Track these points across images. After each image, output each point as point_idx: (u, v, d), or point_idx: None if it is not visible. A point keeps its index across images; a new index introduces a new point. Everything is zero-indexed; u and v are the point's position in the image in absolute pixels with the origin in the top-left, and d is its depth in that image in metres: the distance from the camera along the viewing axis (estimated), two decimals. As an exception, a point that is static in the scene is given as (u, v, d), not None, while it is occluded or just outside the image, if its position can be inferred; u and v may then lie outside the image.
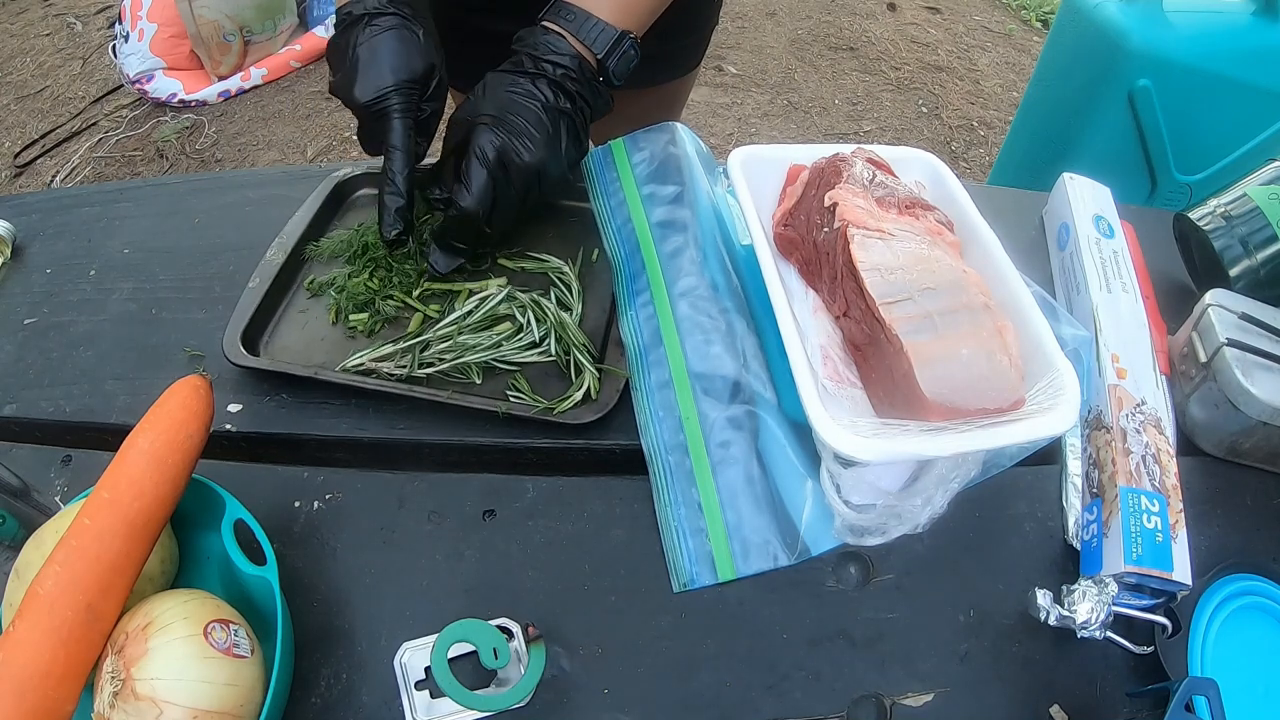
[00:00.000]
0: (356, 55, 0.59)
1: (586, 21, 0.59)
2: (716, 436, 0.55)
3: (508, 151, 0.57)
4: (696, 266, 0.62)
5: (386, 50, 0.58)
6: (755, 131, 2.30)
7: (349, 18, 0.60)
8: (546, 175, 0.59)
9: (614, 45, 0.60)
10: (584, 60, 0.59)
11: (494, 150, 0.57)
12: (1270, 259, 0.63)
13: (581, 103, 0.60)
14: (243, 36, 2.32)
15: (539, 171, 0.58)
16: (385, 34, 0.59)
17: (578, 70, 0.58)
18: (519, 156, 0.57)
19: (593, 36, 0.59)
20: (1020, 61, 2.61)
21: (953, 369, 0.47)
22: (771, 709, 0.47)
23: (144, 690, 0.38)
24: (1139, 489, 0.51)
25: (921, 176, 0.65)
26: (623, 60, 0.61)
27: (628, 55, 0.61)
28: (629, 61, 0.61)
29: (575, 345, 0.59)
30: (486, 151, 0.57)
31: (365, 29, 0.59)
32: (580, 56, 0.59)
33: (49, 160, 2.18)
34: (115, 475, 0.42)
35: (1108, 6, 1.40)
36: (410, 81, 0.59)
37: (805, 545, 0.52)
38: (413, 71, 0.59)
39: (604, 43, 0.59)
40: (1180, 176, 1.46)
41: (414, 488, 0.54)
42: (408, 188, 0.59)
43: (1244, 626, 0.50)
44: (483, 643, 0.45)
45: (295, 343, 0.61)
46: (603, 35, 0.59)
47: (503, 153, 0.57)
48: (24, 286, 0.68)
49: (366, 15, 0.59)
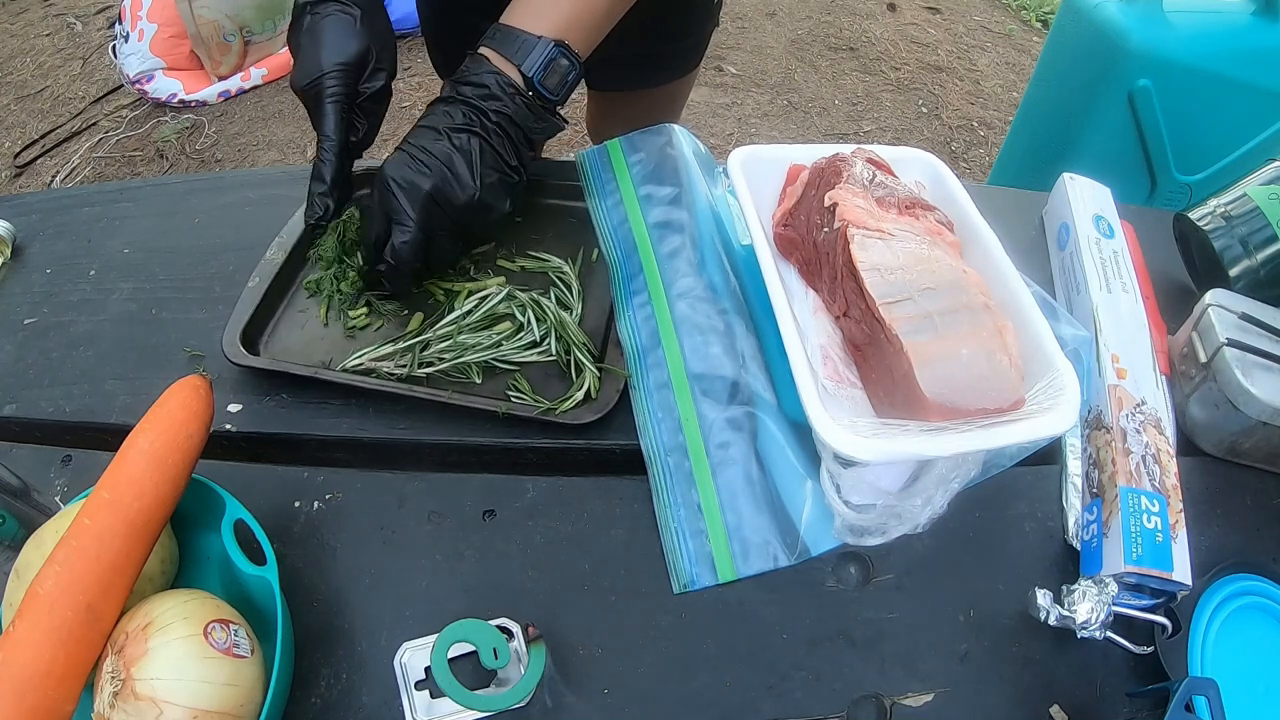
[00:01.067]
0: (299, 44, 0.61)
1: (510, 36, 0.57)
2: (716, 437, 0.55)
3: (409, 181, 0.56)
4: (694, 267, 0.62)
5: (322, 37, 0.60)
6: (755, 131, 2.30)
7: (296, 9, 0.62)
8: (450, 199, 0.56)
9: (542, 59, 0.57)
10: (503, 77, 0.57)
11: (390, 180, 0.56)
12: (1270, 259, 0.63)
13: (502, 120, 0.57)
14: (243, 36, 2.32)
15: (435, 198, 0.56)
16: (322, 20, 0.60)
17: (496, 89, 0.57)
18: (417, 185, 0.56)
19: (516, 52, 0.57)
20: (1020, 61, 2.61)
21: (953, 369, 0.47)
22: (771, 709, 0.47)
23: (144, 690, 0.38)
24: (1139, 489, 0.51)
25: (921, 176, 0.65)
26: (551, 72, 0.58)
27: (560, 65, 0.58)
28: (562, 73, 0.58)
29: (575, 344, 0.59)
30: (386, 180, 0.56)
31: (307, 17, 0.61)
32: (499, 74, 0.57)
33: (49, 160, 2.18)
34: (115, 475, 0.42)
35: (1108, 6, 1.40)
36: (344, 64, 0.60)
37: (805, 545, 0.52)
38: (346, 55, 0.60)
39: (526, 56, 0.57)
40: (1180, 176, 1.46)
41: (414, 488, 0.54)
42: (332, 174, 0.60)
43: (1244, 626, 0.50)
44: (483, 643, 0.45)
45: (295, 342, 0.61)
46: (528, 50, 0.57)
47: (396, 180, 0.56)
48: (24, 286, 0.68)
49: (308, 5, 0.61)
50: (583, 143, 0.99)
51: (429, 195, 0.56)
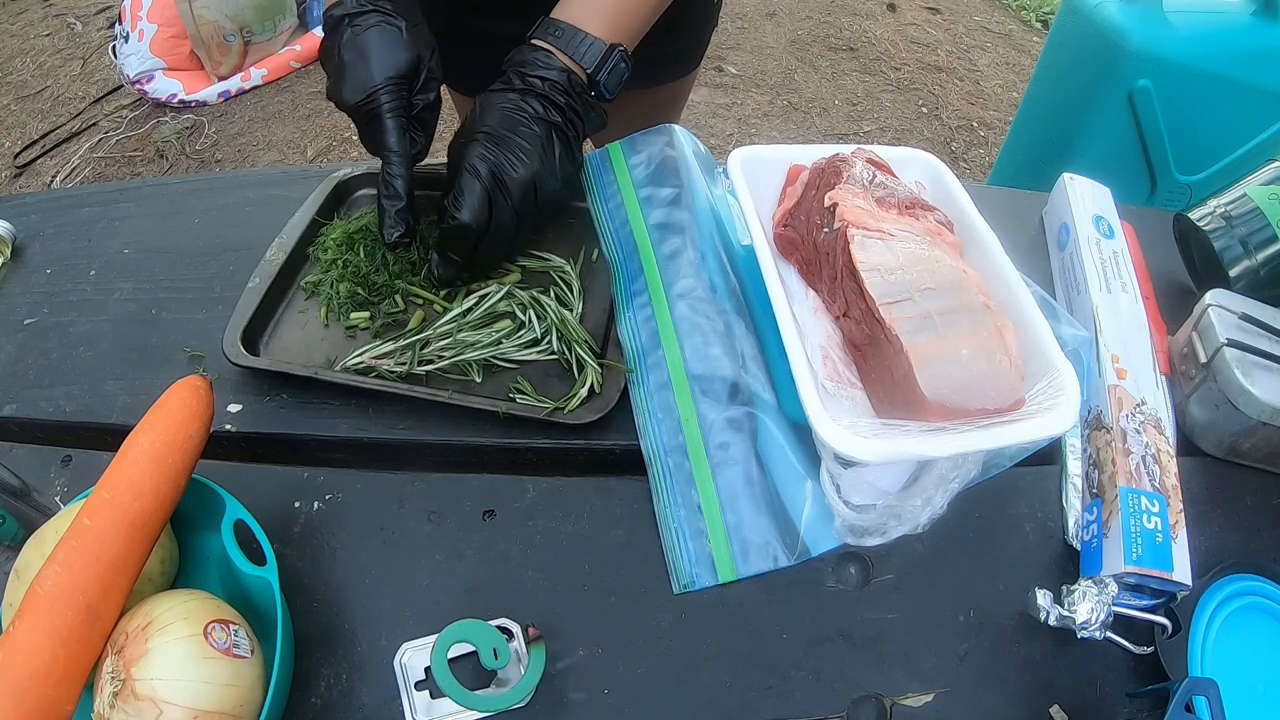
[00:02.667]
0: (342, 58, 0.59)
1: (575, 37, 0.59)
2: (715, 438, 0.55)
3: (501, 166, 0.57)
4: (694, 268, 0.62)
5: (369, 49, 0.58)
6: (755, 132, 2.30)
7: (332, 20, 0.60)
8: (541, 189, 0.59)
9: (603, 59, 0.59)
10: (573, 75, 0.59)
11: (485, 165, 0.57)
12: (1270, 259, 0.63)
13: (572, 115, 0.59)
14: (243, 37, 2.32)
15: (533, 185, 0.58)
16: (367, 32, 0.58)
17: (566, 84, 0.58)
18: (513, 170, 0.57)
19: (581, 51, 0.59)
20: (1020, 61, 2.61)
21: (952, 369, 0.47)
22: (771, 709, 0.47)
23: (144, 690, 0.38)
24: (1139, 489, 0.51)
25: (921, 177, 0.65)
26: (613, 74, 0.60)
27: (618, 68, 0.60)
28: (620, 74, 0.61)
29: (576, 341, 0.59)
30: (478, 166, 0.57)
31: (347, 30, 0.59)
32: (569, 71, 0.59)
33: (49, 160, 2.18)
34: (115, 475, 0.42)
35: (1108, 6, 1.40)
36: (396, 78, 0.58)
37: (805, 546, 0.52)
38: (398, 67, 0.58)
39: (593, 57, 0.59)
40: (1180, 176, 1.46)
41: (414, 488, 0.54)
42: (406, 189, 0.59)
43: (1244, 626, 0.50)
44: (483, 643, 0.44)
45: (295, 342, 0.61)
46: (591, 49, 0.59)
47: (496, 168, 0.57)
48: (24, 286, 0.68)
49: (347, 16, 0.59)
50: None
51: (530, 183, 0.57)
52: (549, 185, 0.59)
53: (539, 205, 0.60)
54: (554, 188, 0.59)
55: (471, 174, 0.57)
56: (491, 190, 0.57)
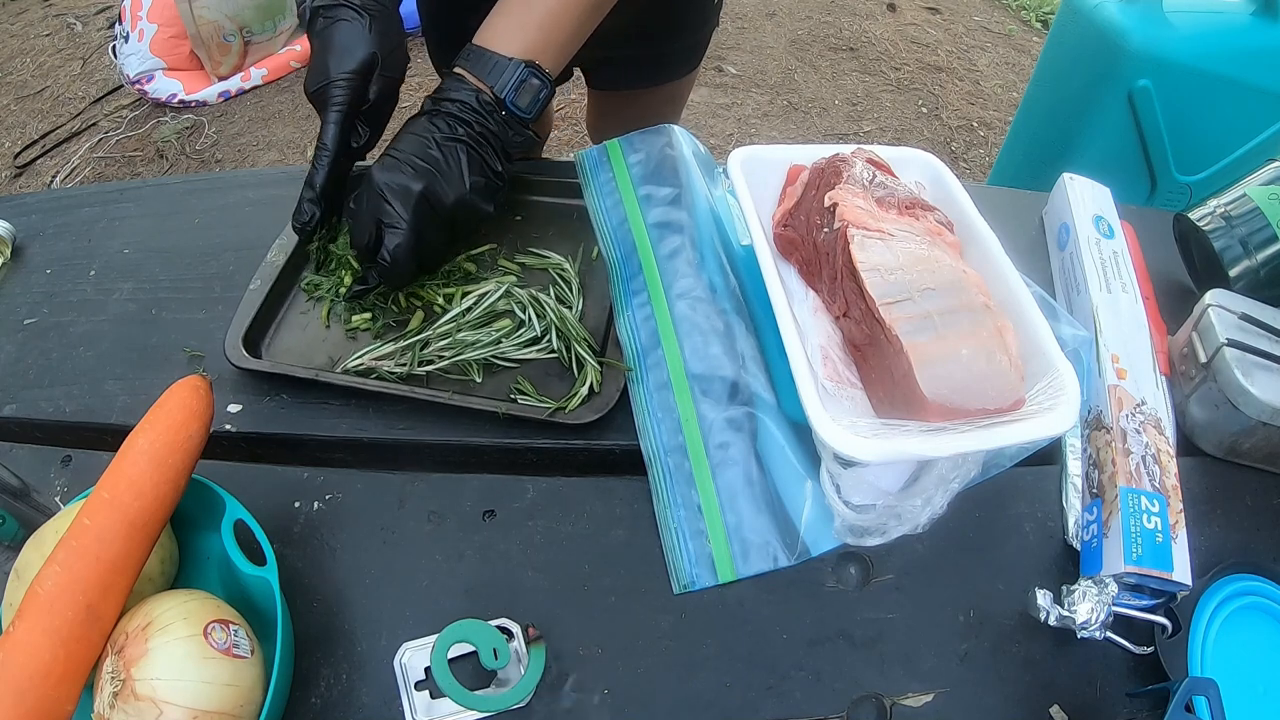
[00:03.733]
0: (312, 49, 0.62)
1: (482, 58, 0.60)
2: (715, 438, 0.55)
3: (392, 184, 0.57)
4: (694, 268, 0.62)
5: (331, 41, 0.61)
6: (755, 132, 2.30)
7: (309, 11, 0.63)
8: (440, 200, 0.58)
9: (509, 77, 0.60)
10: (482, 93, 0.60)
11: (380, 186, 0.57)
12: (1270, 259, 0.63)
13: (483, 132, 0.60)
14: (243, 37, 2.32)
15: (427, 198, 0.58)
16: (332, 25, 0.61)
17: (475, 104, 0.59)
18: (404, 186, 0.57)
19: (487, 71, 0.60)
20: (1020, 61, 2.61)
21: (952, 369, 0.47)
22: (771, 709, 0.47)
23: (144, 690, 0.38)
24: (1139, 489, 0.51)
25: (921, 177, 0.65)
26: (523, 91, 0.60)
27: (530, 85, 0.60)
28: (534, 91, 0.61)
29: (576, 339, 0.59)
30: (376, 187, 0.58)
31: (319, 20, 0.62)
32: (478, 90, 0.60)
33: (49, 160, 2.18)
34: (115, 475, 0.42)
35: (1108, 6, 1.40)
36: (349, 73, 0.60)
37: (805, 546, 0.52)
38: (352, 62, 0.60)
39: (498, 77, 0.60)
40: (1180, 176, 1.46)
41: (414, 488, 0.54)
42: (321, 181, 0.61)
43: (1244, 626, 0.50)
44: (483, 643, 0.45)
45: (296, 344, 0.61)
46: (497, 69, 0.60)
47: (387, 185, 0.57)
48: (24, 286, 0.68)
49: (321, 8, 0.62)
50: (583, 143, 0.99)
51: (421, 195, 0.58)
52: (448, 196, 0.59)
53: (440, 219, 0.59)
54: (454, 199, 0.59)
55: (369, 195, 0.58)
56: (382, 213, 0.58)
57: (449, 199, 0.59)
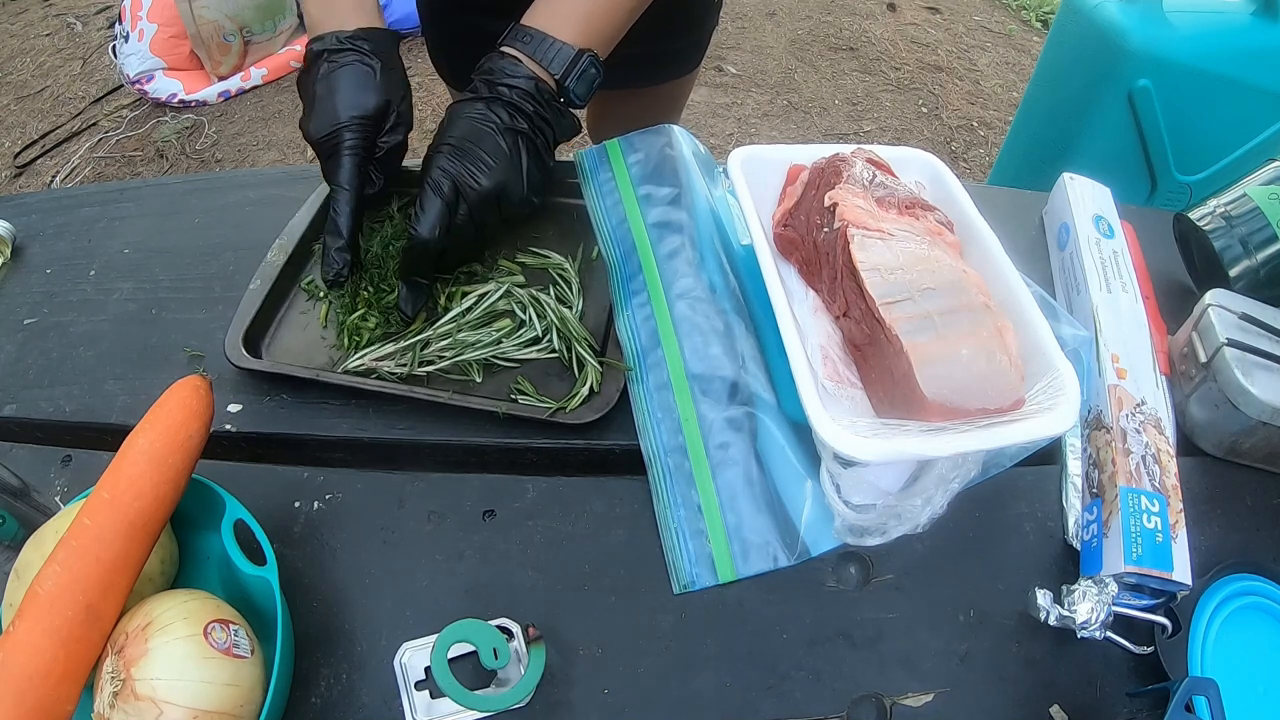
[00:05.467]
0: (314, 92, 0.59)
1: (543, 43, 0.58)
2: (715, 438, 0.55)
3: (462, 177, 0.56)
4: (694, 268, 0.62)
5: (340, 87, 0.58)
6: (755, 131, 2.30)
7: (311, 54, 0.61)
8: (507, 199, 0.58)
9: (571, 65, 0.59)
10: (541, 82, 0.58)
11: (447, 178, 0.56)
12: (1270, 259, 0.63)
13: (540, 123, 0.59)
14: (243, 37, 2.32)
15: (496, 196, 0.57)
16: (341, 70, 0.59)
17: (534, 92, 0.58)
18: (475, 181, 0.56)
19: (549, 58, 0.58)
20: (1020, 61, 2.61)
21: (953, 369, 0.47)
22: (771, 709, 0.47)
23: (144, 690, 0.38)
24: (1139, 489, 0.51)
25: (921, 176, 0.65)
26: (582, 80, 0.60)
27: (588, 74, 0.60)
28: (590, 80, 0.60)
29: (577, 339, 0.59)
30: (439, 180, 0.56)
31: (323, 64, 0.59)
32: (536, 78, 0.58)
33: (49, 160, 2.18)
34: (115, 475, 0.42)
35: (1108, 6, 1.40)
36: (362, 117, 0.58)
37: (805, 546, 0.52)
38: (365, 107, 0.58)
39: (561, 63, 0.58)
40: (1180, 176, 1.45)
41: (414, 488, 0.54)
42: (348, 227, 0.58)
43: (1244, 626, 0.50)
44: (483, 643, 0.45)
45: (296, 344, 0.61)
46: (559, 55, 0.58)
47: (457, 179, 0.56)
48: (24, 286, 0.68)
49: (325, 51, 0.59)
50: (582, 142, 0.99)
51: (491, 193, 0.57)
52: (514, 194, 0.58)
53: (503, 215, 0.59)
54: (521, 196, 0.58)
55: (432, 189, 0.56)
56: (452, 203, 0.56)
57: (514, 196, 0.58)
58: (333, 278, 0.59)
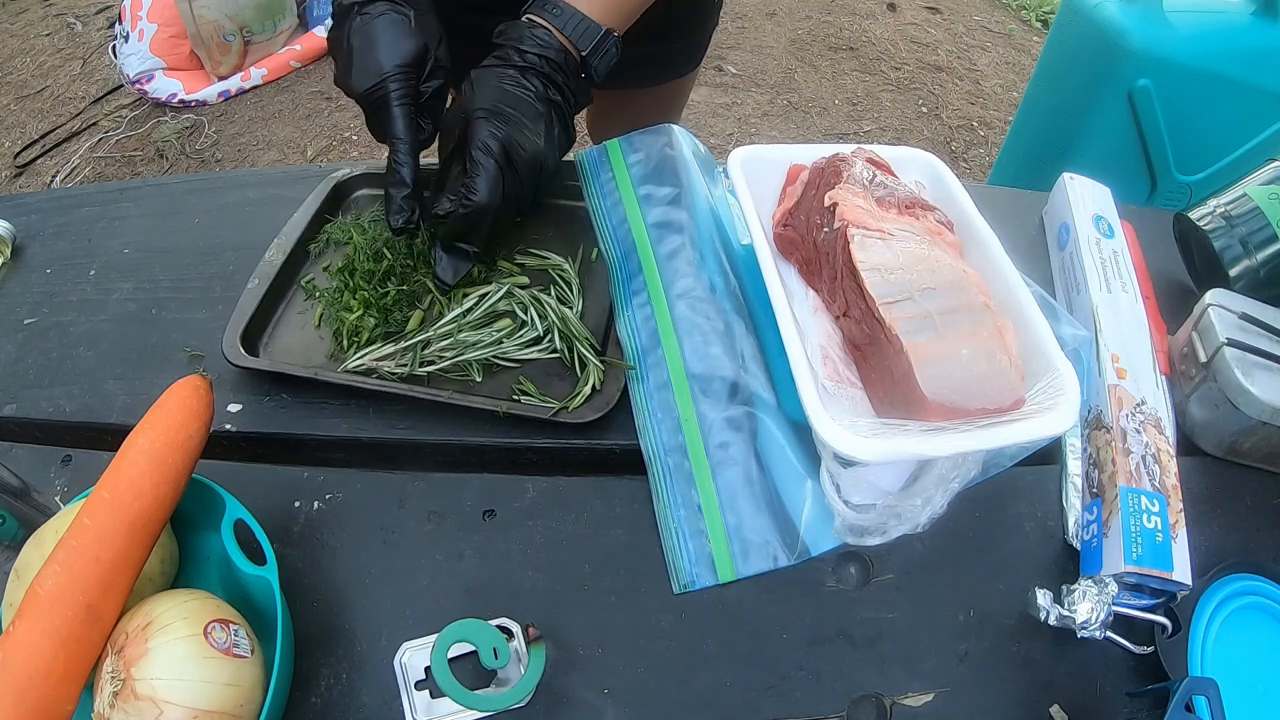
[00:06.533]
0: (350, 46, 0.60)
1: (572, 17, 0.59)
2: (715, 438, 0.55)
3: (512, 143, 0.57)
4: (694, 268, 0.62)
5: (378, 37, 0.59)
6: (755, 131, 2.30)
7: (342, 8, 0.61)
8: (545, 166, 0.59)
9: (599, 42, 0.59)
10: (569, 54, 0.59)
11: (497, 143, 0.56)
12: (1270, 259, 0.63)
13: (569, 93, 0.59)
14: (243, 37, 2.32)
15: (540, 163, 0.58)
16: (375, 20, 0.59)
17: (563, 63, 0.58)
18: (522, 148, 0.57)
19: (578, 32, 0.59)
20: (1020, 61, 2.60)
21: (953, 369, 0.47)
22: (771, 709, 0.47)
23: (144, 690, 0.38)
24: (1139, 489, 0.51)
25: (921, 176, 0.65)
26: (605, 57, 0.60)
27: (610, 53, 0.61)
28: (611, 59, 0.61)
29: (578, 339, 0.59)
30: (490, 145, 0.56)
31: (357, 18, 0.60)
32: (565, 49, 0.59)
33: (49, 160, 2.18)
34: (115, 475, 0.42)
35: (1108, 6, 1.40)
36: (404, 65, 0.59)
37: (805, 545, 0.52)
38: (405, 55, 0.59)
39: (589, 39, 0.59)
40: (1180, 176, 1.45)
41: (414, 488, 0.54)
42: (412, 176, 0.59)
43: (1244, 626, 0.50)
44: (483, 643, 0.45)
45: (295, 343, 0.61)
46: (588, 31, 0.59)
47: (507, 145, 0.56)
48: (24, 286, 0.68)
49: (356, 4, 0.60)
50: (582, 142, 0.99)
51: (536, 157, 0.57)
52: (551, 162, 0.59)
53: (535, 182, 0.60)
54: (556, 164, 0.60)
55: (485, 153, 0.56)
56: (504, 168, 0.57)
57: (552, 164, 0.59)
58: (402, 224, 0.59)
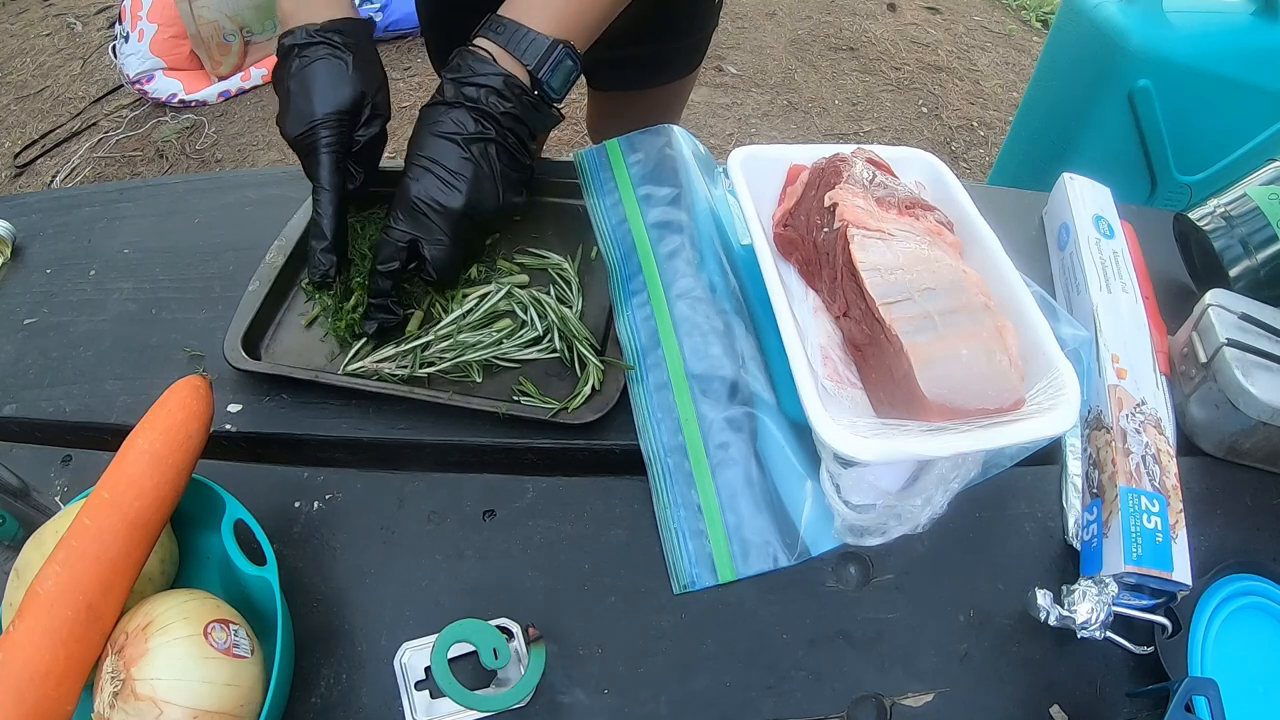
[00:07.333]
0: (287, 89, 0.58)
1: (516, 33, 0.56)
2: (715, 438, 0.55)
3: (429, 202, 0.56)
4: (694, 268, 0.62)
5: (313, 82, 0.57)
6: (755, 131, 2.30)
7: (282, 49, 0.59)
8: (479, 211, 0.57)
9: (545, 56, 0.57)
10: (511, 78, 0.56)
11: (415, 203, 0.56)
12: (1270, 259, 0.63)
13: (512, 122, 0.57)
14: (243, 37, 2.32)
15: (468, 213, 0.56)
16: (312, 65, 0.58)
17: (504, 89, 0.56)
18: (441, 203, 0.56)
19: (523, 49, 0.56)
20: (1020, 61, 2.60)
21: (953, 369, 0.47)
22: (771, 709, 0.47)
23: (144, 690, 0.38)
24: (1139, 489, 0.51)
25: (921, 176, 0.65)
26: (558, 72, 0.58)
27: (564, 66, 0.58)
28: (567, 72, 0.58)
29: (578, 339, 0.59)
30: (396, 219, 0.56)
31: (295, 60, 0.58)
32: (506, 74, 0.56)
33: (49, 160, 2.18)
34: (115, 475, 0.42)
35: (1108, 6, 1.40)
36: (337, 113, 0.57)
37: (805, 546, 0.52)
38: (339, 102, 0.57)
39: (534, 54, 0.56)
40: (1180, 176, 1.45)
41: (414, 488, 0.54)
42: (332, 229, 0.58)
43: (1244, 626, 0.50)
44: (483, 643, 0.45)
45: (296, 345, 0.61)
46: (533, 46, 0.56)
47: (425, 202, 0.56)
48: (24, 286, 0.68)
49: (296, 46, 0.58)
50: (583, 142, 0.99)
51: (461, 213, 0.56)
52: (487, 205, 0.57)
53: (479, 226, 0.59)
54: (494, 205, 0.57)
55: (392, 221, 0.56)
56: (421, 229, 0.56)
57: (489, 208, 0.57)
58: (319, 279, 0.58)
